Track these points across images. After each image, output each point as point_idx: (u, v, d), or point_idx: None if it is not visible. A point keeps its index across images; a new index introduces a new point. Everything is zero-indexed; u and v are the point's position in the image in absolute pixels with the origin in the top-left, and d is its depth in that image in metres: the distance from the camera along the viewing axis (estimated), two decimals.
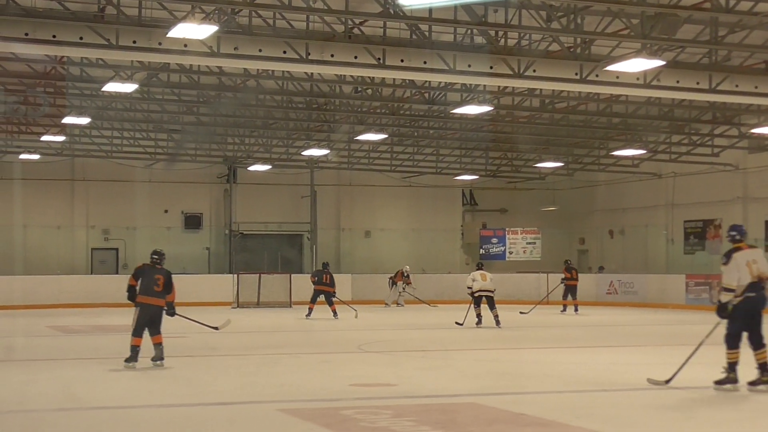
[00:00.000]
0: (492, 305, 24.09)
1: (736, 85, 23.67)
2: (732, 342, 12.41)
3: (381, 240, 44.45)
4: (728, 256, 12.56)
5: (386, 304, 35.90)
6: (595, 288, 39.95)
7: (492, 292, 24.05)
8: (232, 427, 10.11)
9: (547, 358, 17.38)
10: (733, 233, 12.80)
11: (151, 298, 14.73)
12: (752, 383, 12.22)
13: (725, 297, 12.48)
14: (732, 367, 12.31)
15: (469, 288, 24.11)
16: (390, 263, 41.47)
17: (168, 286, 14.92)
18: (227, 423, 10.32)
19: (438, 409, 10.98)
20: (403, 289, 36.09)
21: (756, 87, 23.81)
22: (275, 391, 12.49)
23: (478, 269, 25.15)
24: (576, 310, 31.03)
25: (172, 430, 9.99)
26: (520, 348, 19.79)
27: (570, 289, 31.85)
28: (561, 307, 31.59)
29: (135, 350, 14.67)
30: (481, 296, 23.99)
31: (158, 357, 14.78)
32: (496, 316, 23.90)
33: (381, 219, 44.62)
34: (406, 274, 36.35)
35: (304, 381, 13.71)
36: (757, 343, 12.32)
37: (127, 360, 14.63)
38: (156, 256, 14.99)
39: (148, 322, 14.73)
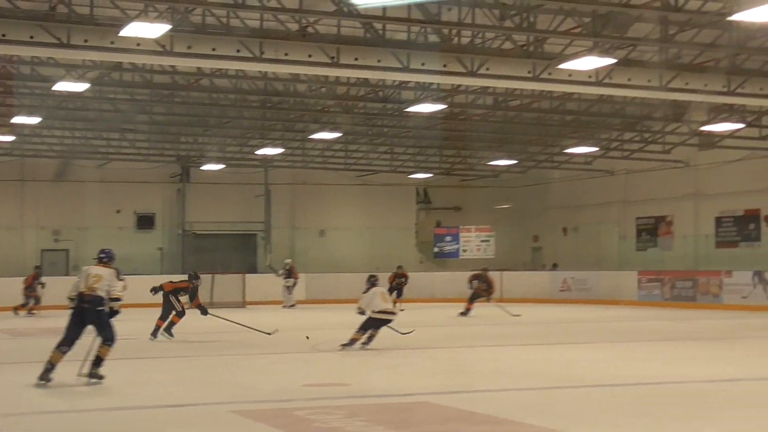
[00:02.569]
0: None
1: (687, 83, 23.90)
2: None
3: (336, 239, 44.37)
4: None
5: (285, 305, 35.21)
6: (548, 285, 40.20)
7: (394, 315, 18.78)
8: (185, 430, 10.07)
9: (502, 356, 17.46)
10: None
11: None
12: None
13: None
14: None
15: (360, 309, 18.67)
16: (345, 262, 41.56)
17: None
18: (181, 425, 10.26)
19: (391, 409, 10.97)
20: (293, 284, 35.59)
21: (706, 84, 24.04)
22: (229, 393, 12.40)
23: (373, 286, 19.30)
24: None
25: None
26: (475, 346, 19.83)
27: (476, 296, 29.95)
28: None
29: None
30: (380, 319, 18.34)
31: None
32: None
33: (335, 218, 44.55)
34: (288, 268, 35.86)
35: (258, 382, 13.68)
36: None
37: None
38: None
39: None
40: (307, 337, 19.52)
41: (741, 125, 31.68)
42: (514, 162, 41.47)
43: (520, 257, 45.98)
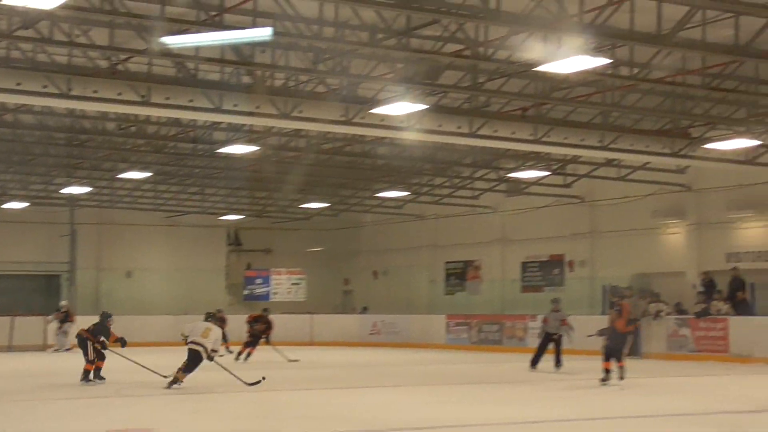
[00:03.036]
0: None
1: (495, 130, 24.45)
2: None
3: (143, 280, 43.56)
4: None
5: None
6: (359, 328, 40.40)
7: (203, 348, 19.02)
8: None
9: (310, 399, 17.46)
10: None
11: None
12: None
13: None
14: None
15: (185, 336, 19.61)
16: (152, 304, 40.87)
17: None
18: None
19: None
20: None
21: (513, 132, 24.66)
22: None
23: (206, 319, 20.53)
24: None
25: None
26: (286, 390, 19.74)
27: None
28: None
29: None
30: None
31: None
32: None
33: (143, 259, 43.71)
34: (63, 310, 34.82)
35: (60, 427, 13.30)
36: None
37: None
38: None
39: None
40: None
41: (546, 173, 32.61)
42: (326, 205, 41.61)
43: (331, 300, 46.10)
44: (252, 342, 28.92)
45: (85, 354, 20.20)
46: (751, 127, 25.25)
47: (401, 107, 21.14)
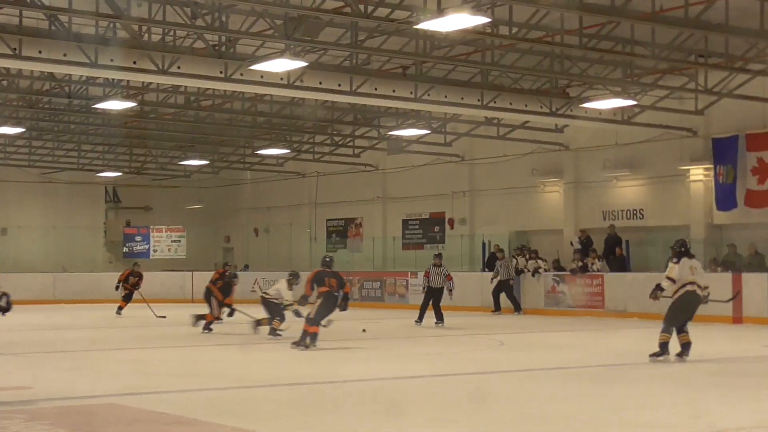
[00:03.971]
0: None
1: (375, 88, 24.54)
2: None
3: (18, 237, 42.79)
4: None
5: None
6: (239, 285, 40.21)
7: None
8: None
9: (188, 357, 17.38)
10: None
11: None
12: None
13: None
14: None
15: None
16: (29, 262, 40.25)
17: None
18: None
19: (76, 411, 10.68)
20: None
21: (393, 90, 24.78)
22: None
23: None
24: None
25: None
26: (162, 347, 19.61)
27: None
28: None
29: None
30: None
31: None
32: None
33: (18, 216, 42.84)
34: None
35: None
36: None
37: None
38: None
39: None
40: None
41: (427, 131, 32.83)
42: (206, 162, 41.41)
43: (212, 257, 45.82)
44: (127, 296, 29.51)
45: None
46: (626, 88, 25.77)
47: (281, 64, 21.04)
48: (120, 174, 43.62)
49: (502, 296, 30.04)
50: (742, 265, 26.76)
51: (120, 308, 29.10)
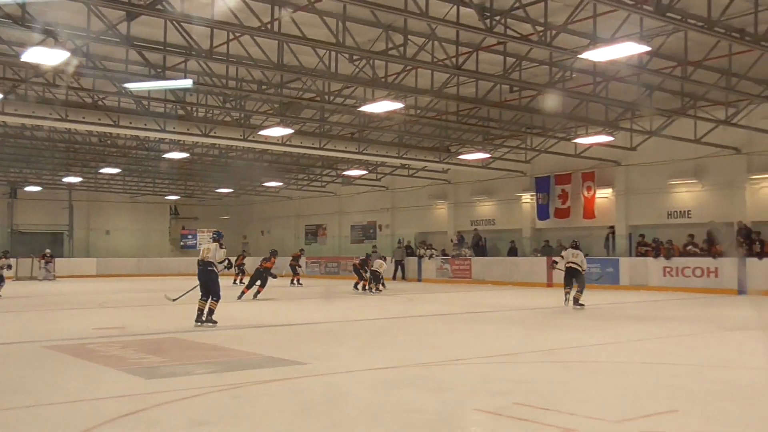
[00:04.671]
0: None
1: (335, 146, 24.57)
2: None
3: (117, 237, 42.08)
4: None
5: None
6: (252, 267, 39.93)
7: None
8: (9, 359, 9.25)
9: (228, 309, 17.21)
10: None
11: None
12: None
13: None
14: None
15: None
16: (123, 250, 39.89)
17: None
18: (5, 356, 9.46)
19: (151, 342, 10.53)
20: None
21: (346, 147, 24.83)
22: (40, 334, 11.58)
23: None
24: None
25: None
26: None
27: None
28: None
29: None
30: None
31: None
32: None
33: (116, 222, 42.29)
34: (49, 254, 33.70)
35: (63, 326, 12.83)
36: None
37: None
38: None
39: None
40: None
41: (366, 171, 32.89)
42: (232, 190, 40.75)
43: (236, 248, 45.32)
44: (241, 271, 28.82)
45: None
46: (485, 146, 26.05)
47: (277, 131, 21.00)
48: (179, 197, 43.06)
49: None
50: (552, 252, 27.14)
51: (240, 281, 26.64)
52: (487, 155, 26.54)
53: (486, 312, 15.68)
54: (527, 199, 29.33)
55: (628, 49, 12.85)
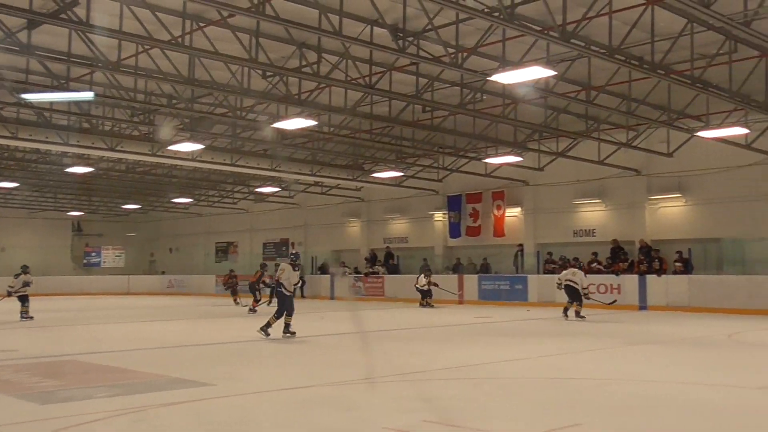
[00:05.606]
0: None
1: (247, 162, 24.32)
2: None
3: (12, 253, 40.01)
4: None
5: None
6: (159, 284, 38.98)
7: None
8: None
9: (127, 330, 16.66)
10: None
11: None
12: None
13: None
14: None
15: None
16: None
17: None
18: None
19: (47, 365, 10.09)
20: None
21: (258, 164, 24.58)
22: None
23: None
24: None
25: None
26: (110, 323, 18.65)
27: None
28: None
29: None
30: None
31: None
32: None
33: (13, 239, 40.43)
34: None
35: None
36: None
37: None
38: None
39: None
40: None
41: (278, 188, 32.65)
42: (139, 206, 39.68)
43: (142, 266, 44.27)
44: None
45: None
46: (398, 165, 26.29)
47: (188, 146, 20.65)
48: (82, 213, 41.61)
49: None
50: (464, 269, 27.58)
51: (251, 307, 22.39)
52: (400, 174, 26.78)
53: (397, 330, 15.73)
54: (439, 217, 29.71)
55: (535, 73, 13.25)
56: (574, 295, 17.86)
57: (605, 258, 23.86)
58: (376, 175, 26.57)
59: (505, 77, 13.46)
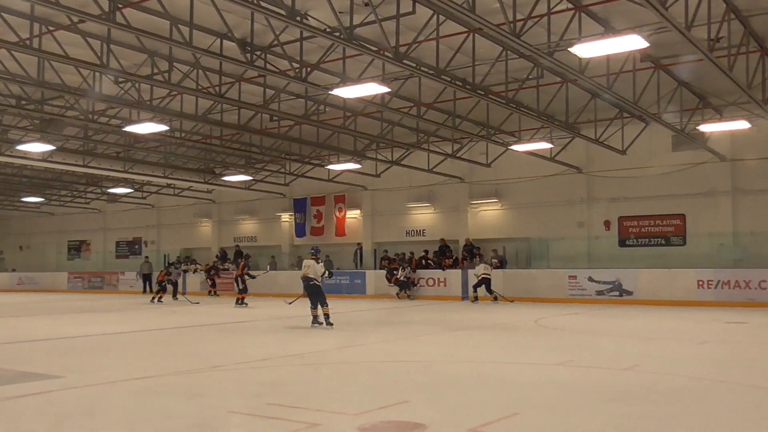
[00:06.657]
0: None
1: (100, 164, 23.14)
2: None
3: None
4: None
5: None
6: (9, 281, 36.09)
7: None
8: None
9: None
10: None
11: None
12: None
13: None
14: None
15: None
16: None
17: None
18: None
19: None
20: None
21: (111, 165, 23.46)
22: None
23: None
24: None
25: None
26: None
27: None
28: None
29: None
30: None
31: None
32: None
33: None
34: None
35: None
36: None
37: None
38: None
39: None
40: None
41: (131, 190, 31.19)
42: None
43: None
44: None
45: None
46: (247, 170, 25.92)
47: (38, 147, 19.30)
48: None
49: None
50: None
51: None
52: (250, 178, 26.44)
53: (244, 322, 15.49)
54: (286, 218, 29.62)
55: (371, 89, 13.52)
56: (489, 285, 20.38)
57: (433, 253, 24.73)
58: (226, 178, 26.07)
59: (344, 92, 13.64)
